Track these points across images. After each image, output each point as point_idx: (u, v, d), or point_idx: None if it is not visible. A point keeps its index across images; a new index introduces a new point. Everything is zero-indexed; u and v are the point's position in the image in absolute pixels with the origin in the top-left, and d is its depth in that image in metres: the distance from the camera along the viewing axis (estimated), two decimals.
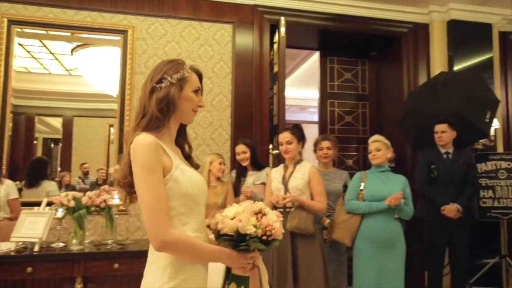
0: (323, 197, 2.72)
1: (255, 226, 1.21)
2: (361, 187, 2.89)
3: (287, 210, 2.66)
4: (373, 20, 4.34)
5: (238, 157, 3.33)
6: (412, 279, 3.83)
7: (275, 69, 4.00)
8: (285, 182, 2.76)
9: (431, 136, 3.53)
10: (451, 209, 3.23)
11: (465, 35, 4.42)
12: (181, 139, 1.37)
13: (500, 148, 4.43)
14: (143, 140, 1.17)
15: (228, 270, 1.31)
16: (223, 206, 3.17)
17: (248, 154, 3.29)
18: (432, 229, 3.37)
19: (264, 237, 1.22)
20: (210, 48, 3.95)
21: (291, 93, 8.43)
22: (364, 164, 4.67)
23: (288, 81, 7.45)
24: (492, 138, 4.33)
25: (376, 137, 3.06)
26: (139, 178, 1.16)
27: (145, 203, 1.15)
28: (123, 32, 3.71)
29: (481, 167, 3.91)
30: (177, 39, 3.86)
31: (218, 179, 3.29)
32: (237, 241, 1.22)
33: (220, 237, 1.24)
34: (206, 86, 3.89)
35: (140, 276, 1.27)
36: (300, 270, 2.59)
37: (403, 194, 2.80)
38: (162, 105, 1.22)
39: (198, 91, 1.31)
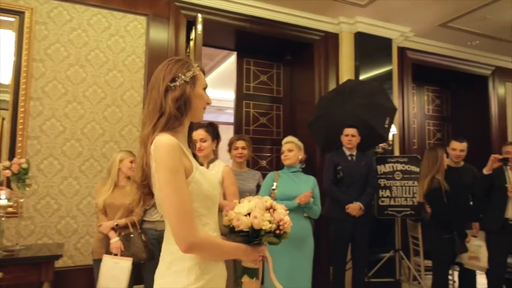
0: (235, 197, 2.70)
1: (269, 221, 1.28)
2: (274, 187, 2.95)
3: None
4: (288, 25, 4.49)
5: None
6: (319, 275, 4.02)
7: None
8: None
9: (338, 139, 3.74)
10: (354, 208, 3.45)
11: (370, 47, 4.79)
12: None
13: (396, 152, 4.87)
14: (165, 141, 1.16)
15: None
16: (132, 207, 3.00)
17: None
18: (337, 226, 3.57)
19: (278, 231, 1.29)
20: (121, 40, 3.72)
21: (209, 94, 8.33)
22: (277, 164, 4.80)
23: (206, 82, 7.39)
24: (390, 142, 4.75)
25: (289, 138, 3.15)
26: (164, 180, 1.14)
27: (172, 205, 1.14)
28: (19, 14, 3.31)
29: (380, 168, 4.26)
30: (84, 26, 3.57)
31: (129, 178, 3.10)
32: (252, 236, 1.27)
33: (235, 233, 1.29)
34: (116, 80, 3.67)
35: (30, 285, 1.12)
36: None
37: (313, 194, 2.91)
38: (179, 104, 1.23)
39: (205, 88, 1.34)
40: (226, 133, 4.31)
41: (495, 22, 4.74)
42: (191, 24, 3.94)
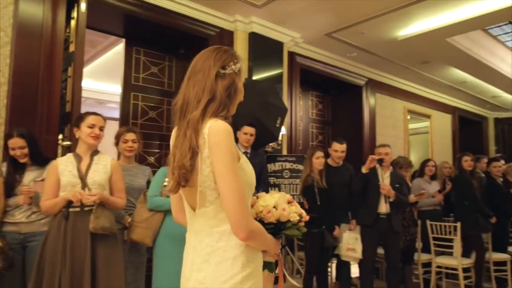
0: (124, 193, 2.49)
1: (296, 213, 1.32)
2: (165, 183, 2.74)
3: (86, 209, 2.27)
4: (183, 16, 4.30)
5: (12, 153, 2.65)
6: None
7: (71, 48, 3.46)
8: (82, 175, 2.34)
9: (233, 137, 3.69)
10: None
11: (263, 49, 4.88)
12: None
13: (284, 151, 5.06)
14: (224, 127, 1.15)
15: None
16: None
17: (26, 150, 2.65)
18: None
19: (301, 223, 1.32)
20: None
21: (89, 85, 7.72)
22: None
23: (86, 71, 6.69)
24: (280, 142, 4.91)
25: None
26: (225, 165, 1.13)
27: (232, 192, 1.12)
28: None
29: (271, 167, 4.36)
30: None
31: None
32: (279, 228, 1.29)
33: (264, 225, 1.26)
34: None
35: None
36: (99, 276, 2.23)
37: None
38: (229, 91, 1.23)
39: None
40: (108, 129, 3.77)
41: (369, 38, 5.28)
42: (73, 0, 3.48)
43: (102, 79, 7.69)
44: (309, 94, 6.59)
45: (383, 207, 3.73)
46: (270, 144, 4.69)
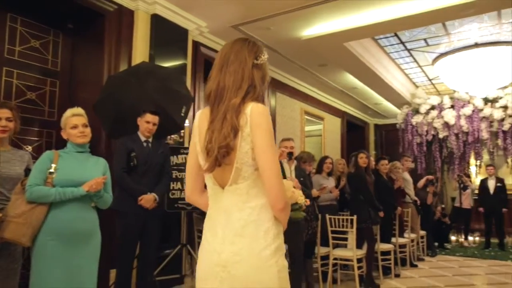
0: None
1: (302, 197, 1.55)
2: (52, 170, 2.25)
3: None
4: None
5: None
6: (98, 277, 3.41)
7: None
8: None
9: (129, 123, 3.31)
10: (148, 199, 3.08)
11: (166, 35, 4.51)
12: None
13: (187, 144, 4.75)
14: (266, 110, 1.28)
15: None
16: None
17: None
18: (127, 221, 3.11)
19: (304, 207, 1.47)
20: None
21: None
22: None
23: None
24: (182, 134, 4.60)
25: (79, 110, 2.49)
26: (268, 144, 1.24)
27: (274, 166, 1.24)
28: None
29: (173, 160, 4.03)
30: None
31: None
32: None
33: None
34: None
35: None
36: None
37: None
38: (263, 80, 1.36)
39: None
40: None
41: (275, 34, 5.30)
42: None
43: None
44: None
45: None
46: (172, 136, 4.37)
